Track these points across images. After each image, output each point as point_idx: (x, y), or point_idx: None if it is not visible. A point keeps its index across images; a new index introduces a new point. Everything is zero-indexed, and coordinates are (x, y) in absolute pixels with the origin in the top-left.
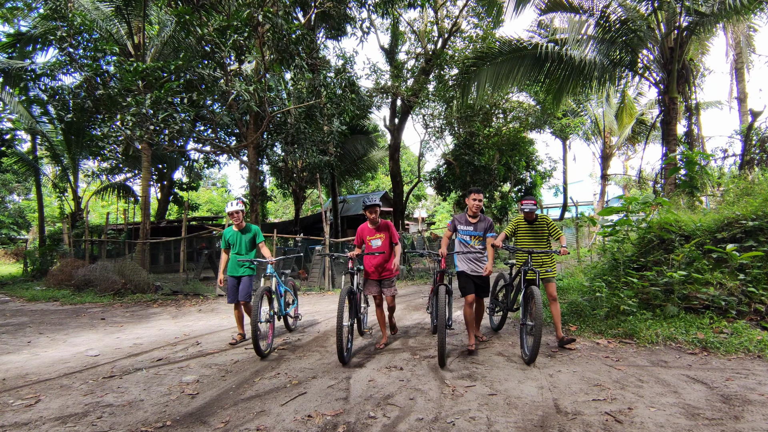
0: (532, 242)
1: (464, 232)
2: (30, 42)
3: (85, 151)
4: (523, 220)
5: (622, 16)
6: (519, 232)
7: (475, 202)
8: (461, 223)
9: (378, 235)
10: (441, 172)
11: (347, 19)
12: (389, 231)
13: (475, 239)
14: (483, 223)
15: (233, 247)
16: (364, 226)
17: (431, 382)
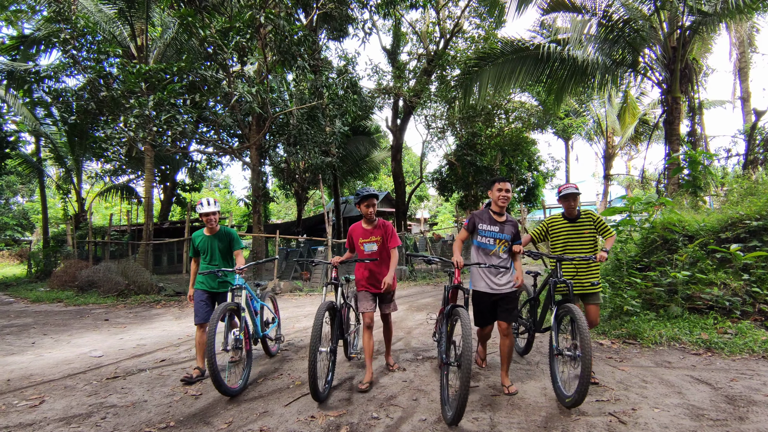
0: (575, 246)
1: (488, 233)
2: (34, 44)
3: (88, 152)
4: (560, 218)
5: (625, 16)
6: (554, 233)
7: (501, 193)
8: (483, 221)
9: (373, 237)
10: (443, 173)
11: (349, 20)
12: (386, 233)
13: (501, 244)
14: (510, 226)
15: (203, 255)
16: (357, 226)
17: (434, 383)
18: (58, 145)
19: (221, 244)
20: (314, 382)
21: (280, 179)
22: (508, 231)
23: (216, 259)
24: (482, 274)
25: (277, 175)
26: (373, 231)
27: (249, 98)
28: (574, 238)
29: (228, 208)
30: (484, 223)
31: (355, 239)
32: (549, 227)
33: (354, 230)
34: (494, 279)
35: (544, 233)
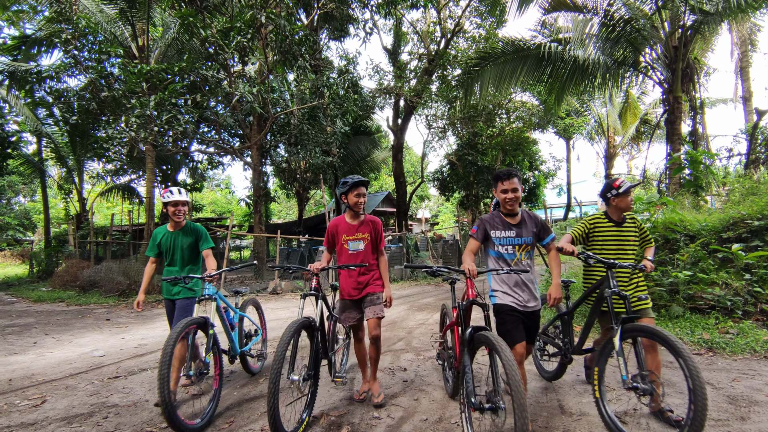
0: (618, 255)
1: (503, 240)
2: (35, 44)
3: (89, 152)
4: (603, 219)
5: (626, 15)
6: (596, 237)
7: (507, 195)
8: (495, 227)
9: (360, 234)
10: (444, 173)
11: (350, 20)
12: (375, 230)
13: (522, 250)
14: (530, 223)
15: (165, 255)
16: (340, 220)
17: (435, 383)
18: (60, 145)
19: (186, 242)
20: (275, 422)
21: (281, 179)
22: (527, 232)
23: (179, 260)
24: (506, 286)
25: (278, 175)
26: (360, 227)
27: (250, 98)
28: (618, 244)
29: (229, 208)
30: (497, 229)
31: (337, 236)
32: (592, 229)
33: (336, 225)
34: (519, 295)
35: (585, 235)
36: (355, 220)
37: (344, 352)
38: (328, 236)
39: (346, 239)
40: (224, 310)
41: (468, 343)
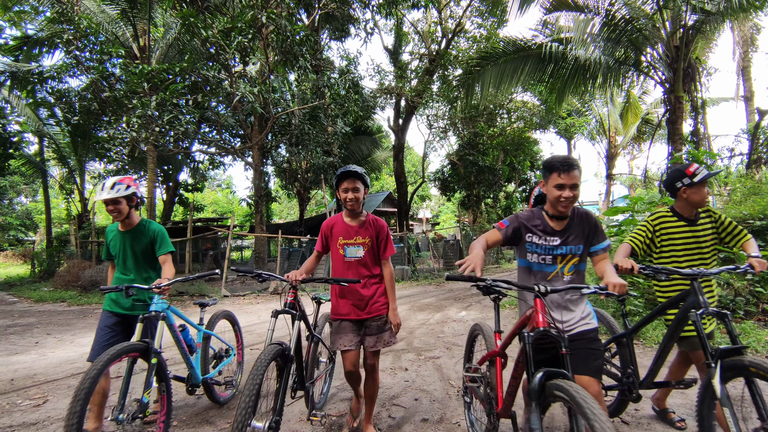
0: (693, 260)
1: (543, 249)
2: (37, 45)
3: (91, 152)
4: (670, 217)
5: (627, 15)
6: (665, 241)
7: (564, 192)
8: (535, 230)
9: (359, 239)
10: (445, 173)
11: (351, 20)
12: (379, 234)
13: (566, 262)
14: (581, 227)
15: (116, 259)
16: (336, 219)
17: (436, 383)
18: (61, 146)
19: (139, 245)
20: None
21: (282, 179)
22: (576, 239)
23: (133, 266)
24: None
25: (279, 175)
26: (359, 229)
27: (251, 98)
28: (695, 248)
29: (230, 208)
30: (536, 234)
31: (332, 239)
32: (657, 231)
33: (332, 225)
34: (561, 317)
35: (650, 241)
36: (355, 221)
37: (326, 379)
38: (322, 237)
39: (342, 243)
40: (182, 329)
41: (537, 395)
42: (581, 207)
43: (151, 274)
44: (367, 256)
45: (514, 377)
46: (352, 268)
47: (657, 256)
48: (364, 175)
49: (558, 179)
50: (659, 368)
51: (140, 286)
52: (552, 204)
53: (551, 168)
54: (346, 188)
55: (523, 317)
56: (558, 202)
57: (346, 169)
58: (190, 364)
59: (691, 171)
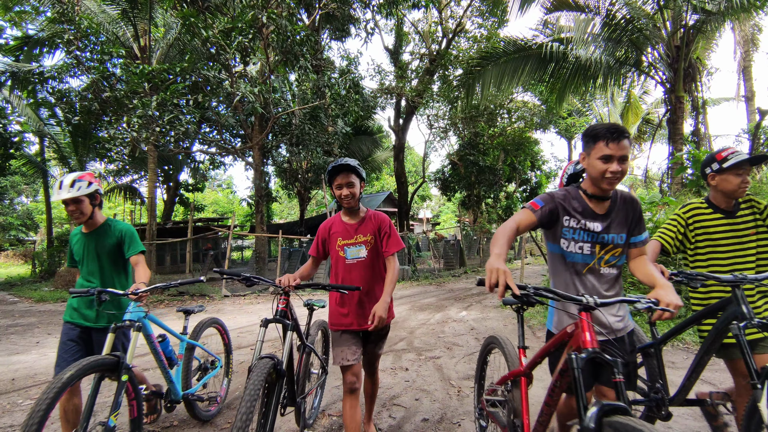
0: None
1: (579, 234)
2: (38, 45)
3: (92, 153)
4: (705, 209)
5: (628, 15)
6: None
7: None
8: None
9: (360, 237)
10: (446, 173)
11: (351, 20)
12: (380, 230)
13: (606, 252)
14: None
15: (80, 265)
16: (334, 220)
17: (437, 383)
18: (62, 146)
19: (103, 247)
20: None
21: (282, 179)
22: (619, 226)
23: (94, 270)
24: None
25: (280, 175)
26: (359, 227)
27: (251, 98)
28: (733, 242)
29: (231, 208)
30: (573, 216)
31: (330, 241)
32: (690, 225)
33: (329, 227)
34: None
35: (682, 236)
36: (354, 219)
37: (317, 392)
38: (318, 242)
39: (342, 244)
40: (161, 339)
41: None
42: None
43: (119, 280)
44: (372, 256)
45: (548, 404)
46: (356, 271)
47: (692, 253)
48: (357, 167)
49: (605, 149)
50: (693, 384)
51: (115, 291)
52: (594, 180)
53: (595, 136)
54: (339, 184)
55: (562, 333)
56: (602, 179)
57: (337, 163)
58: (170, 379)
59: (722, 156)
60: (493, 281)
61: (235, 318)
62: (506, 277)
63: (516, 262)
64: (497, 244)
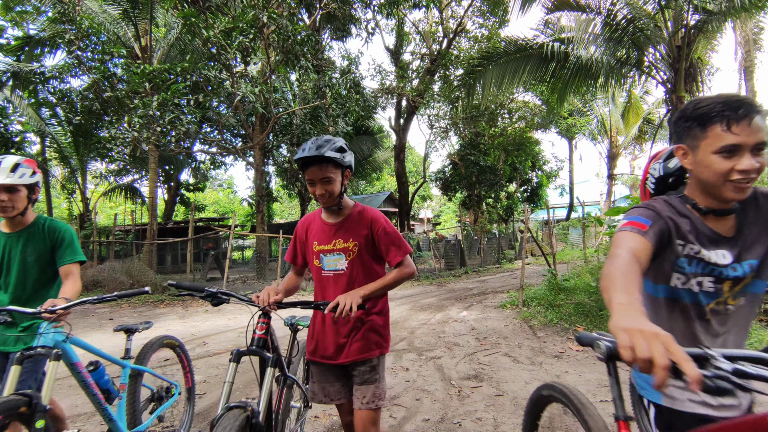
0: None
1: (702, 267)
2: (39, 45)
3: (93, 152)
4: None
5: (629, 15)
6: None
7: (740, 161)
8: (691, 235)
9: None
10: (446, 173)
11: (352, 20)
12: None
13: (737, 287)
14: (761, 224)
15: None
16: (313, 217)
17: (437, 383)
18: (63, 146)
19: (31, 252)
20: None
21: (283, 179)
22: (755, 246)
23: (11, 281)
24: None
25: (281, 174)
26: (340, 229)
27: (252, 98)
28: None
29: (231, 208)
30: (694, 242)
31: (308, 244)
32: None
33: (307, 225)
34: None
35: None
36: (334, 217)
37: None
38: (295, 244)
39: (318, 250)
40: (93, 368)
41: None
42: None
43: (43, 294)
44: (354, 268)
45: None
46: (331, 287)
47: None
48: (335, 156)
49: (728, 137)
50: None
51: (20, 309)
52: (710, 188)
53: (709, 117)
54: (311, 180)
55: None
56: (726, 184)
57: (306, 152)
58: (108, 416)
59: None
60: (644, 353)
61: (236, 317)
62: (669, 346)
63: (516, 263)
64: (617, 287)
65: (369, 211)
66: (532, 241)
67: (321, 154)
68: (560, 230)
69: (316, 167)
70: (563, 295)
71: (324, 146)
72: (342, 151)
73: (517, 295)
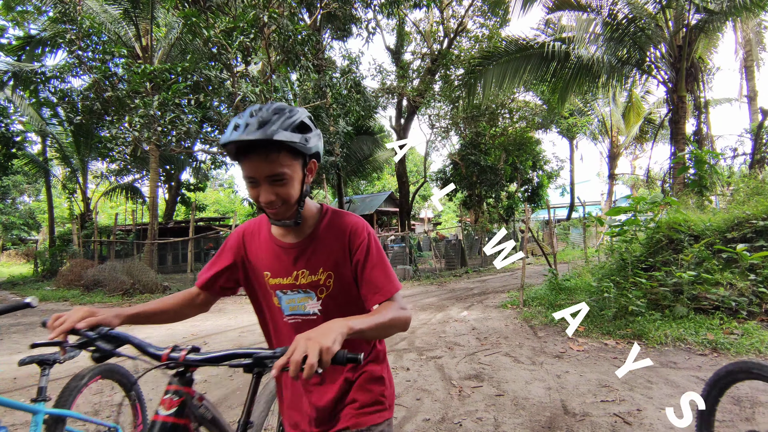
0: None
1: None
2: (40, 45)
3: (93, 152)
4: None
5: (630, 15)
6: None
7: None
8: None
9: (303, 275)
10: (447, 172)
11: (353, 20)
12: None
13: None
14: None
15: None
16: (257, 229)
17: (438, 383)
18: (64, 145)
19: None
20: None
21: None
22: None
23: None
24: None
25: None
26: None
27: (253, 98)
28: None
29: (232, 208)
30: None
31: (253, 271)
32: None
33: (244, 241)
34: None
35: None
36: (294, 236)
37: None
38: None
39: (274, 284)
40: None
41: None
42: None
43: None
44: (331, 310)
45: None
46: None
47: None
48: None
49: None
50: None
51: None
52: None
53: None
54: (252, 178)
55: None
56: None
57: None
58: None
59: None
60: None
61: (237, 317)
62: None
63: (517, 262)
64: None
65: (345, 219)
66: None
67: (268, 137)
68: (561, 230)
69: (260, 158)
70: (564, 294)
71: (272, 122)
72: (304, 129)
73: (517, 294)
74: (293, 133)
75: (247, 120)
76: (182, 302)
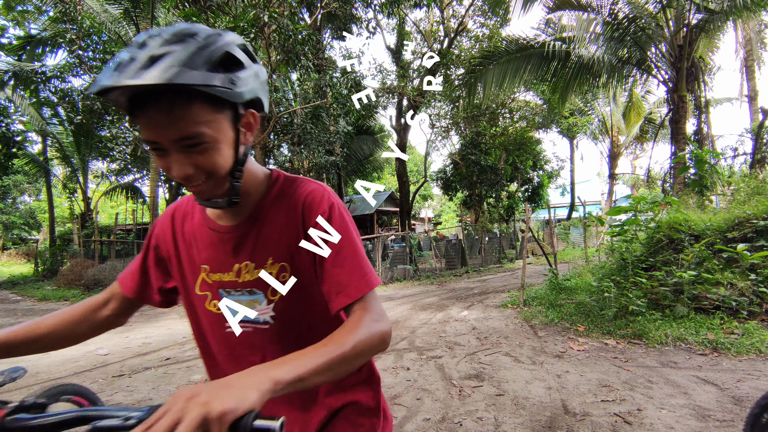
0: None
1: None
2: (40, 44)
3: (94, 152)
4: None
5: (630, 14)
6: None
7: None
8: None
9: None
10: (447, 172)
11: (353, 20)
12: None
13: None
14: None
15: None
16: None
17: (438, 382)
18: (65, 145)
19: None
20: None
21: None
22: None
23: None
24: None
25: None
26: (246, 239)
27: None
28: None
29: None
30: None
31: (172, 263)
32: None
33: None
34: None
35: None
36: (232, 216)
37: None
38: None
39: (215, 281)
40: None
41: None
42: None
43: None
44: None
45: None
46: (248, 357)
47: None
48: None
49: None
50: None
51: None
52: None
53: None
54: (152, 142)
55: None
56: None
57: (120, 78)
58: None
59: None
60: None
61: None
62: None
63: (517, 262)
64: None
65: (299, 188)
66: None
67: (167, 81)
68: (561, 230)
69: (161, 113)
70: (564, 294)
71: (172, 55)
72: (230, 64)
73: (518, 294)
74: (210, 72)
75: (134, 53)
76: (79, 318)
